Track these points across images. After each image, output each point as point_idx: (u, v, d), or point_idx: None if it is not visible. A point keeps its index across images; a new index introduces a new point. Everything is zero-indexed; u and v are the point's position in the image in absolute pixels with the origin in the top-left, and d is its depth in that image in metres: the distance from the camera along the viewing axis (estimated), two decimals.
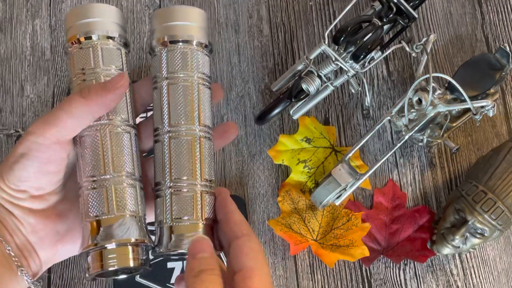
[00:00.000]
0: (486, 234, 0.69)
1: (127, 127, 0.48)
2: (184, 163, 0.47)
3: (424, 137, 0.74)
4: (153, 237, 0.47)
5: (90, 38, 0.48)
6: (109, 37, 0.48)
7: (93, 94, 0.45)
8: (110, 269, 0.45)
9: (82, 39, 0.48)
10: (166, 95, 0.48)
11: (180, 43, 0.49)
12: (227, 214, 0.46)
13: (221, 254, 0.53)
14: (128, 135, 0.48)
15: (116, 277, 0.48)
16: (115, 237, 0.45)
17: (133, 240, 0.46)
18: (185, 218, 0.46)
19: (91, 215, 0.46)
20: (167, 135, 0.48)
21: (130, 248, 0.46)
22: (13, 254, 0.46)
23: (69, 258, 0.72)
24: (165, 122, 0.48)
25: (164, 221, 0.47)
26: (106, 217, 0.45)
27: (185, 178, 0.47)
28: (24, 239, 0.47)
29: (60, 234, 0.49)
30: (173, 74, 0.48)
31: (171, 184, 0.47)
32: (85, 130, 0.47)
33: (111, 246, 0.45)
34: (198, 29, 0.50)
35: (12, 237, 0.47)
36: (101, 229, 0.45)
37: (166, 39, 0.49)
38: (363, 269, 0.74)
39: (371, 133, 0.73)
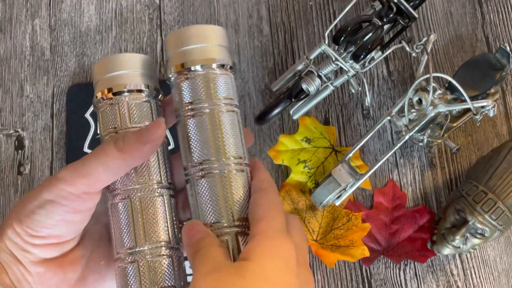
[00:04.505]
0: (486, 235, 0.69)
1: (161, 189, 0.45)
2: (215, 207, 0.43)
3: (424, 137, 0.74)
4: None
5: (119, 93, 0.44)
6: (139, 91, 0.44)
7: (128, 147, 0.42)
8: None
9: (110, 95, 0.44)
10: (186, 130, 0.43)
11: (199, 69, 0.42)
12: (253, 172, 0.45)
13: None
14: (161, 198, 0.45)
15: None
16: None
17: None
18: None
19: None
20: (194, 175, 0.44)
21: None
22: None
23: None
24: (190, 161, 0.44)
25: None
26: None
27: (223, 221, 0.43)
28: None
29: (70, 284, 0.45)
30: (193, 105, 0.43)
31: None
32: (115, 197, 0.45)
33: None
34: (217, 50, 0.43)
35: None
36: None
37: (182, 67, 0.43)
38: (363, 269, 0.74)
39: (371, 133, 0.73)
